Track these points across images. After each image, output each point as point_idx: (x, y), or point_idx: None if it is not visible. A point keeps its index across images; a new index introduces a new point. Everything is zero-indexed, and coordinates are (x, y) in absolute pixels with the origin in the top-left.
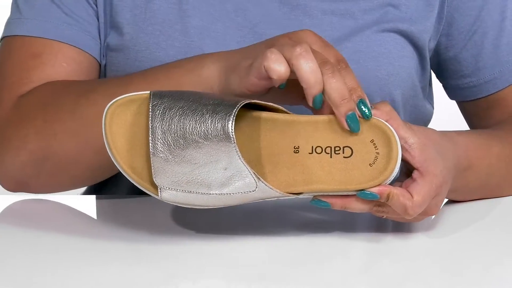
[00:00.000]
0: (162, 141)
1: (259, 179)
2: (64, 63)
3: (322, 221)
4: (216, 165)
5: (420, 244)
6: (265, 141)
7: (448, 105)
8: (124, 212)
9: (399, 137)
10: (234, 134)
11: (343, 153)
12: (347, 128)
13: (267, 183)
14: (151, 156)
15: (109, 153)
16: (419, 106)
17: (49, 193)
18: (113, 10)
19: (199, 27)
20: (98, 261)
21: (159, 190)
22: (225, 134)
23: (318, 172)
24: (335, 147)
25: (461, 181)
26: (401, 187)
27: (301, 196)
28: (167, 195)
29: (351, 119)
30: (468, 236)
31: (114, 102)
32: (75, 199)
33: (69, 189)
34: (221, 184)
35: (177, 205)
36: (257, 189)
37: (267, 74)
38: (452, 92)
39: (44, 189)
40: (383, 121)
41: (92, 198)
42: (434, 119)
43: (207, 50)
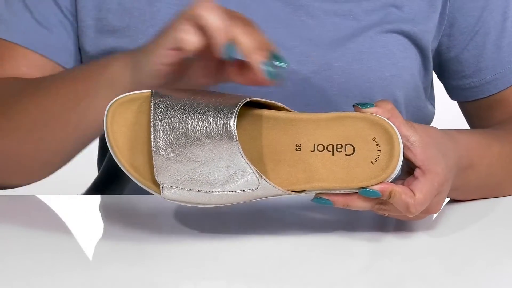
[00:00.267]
0: (164, 139)
1: (261, 177)
2: (25, 67)
3: (322, 221)
4: (218, 163)
5: (421, 243)
6: (267, 139)
7: (449, 105)
8: (125, 211)
9: (401, 135)
10: (236, 132)
11: (345, 151)
12: (263, 77)
13: (269, 181)
14: (153, 155)
15: (111, 152)
16: (421, 107)
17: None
18: (108, 15)
19: None
20: (99, 261)
21: (161, 188)
22: (227, 132)
23: (320, 170)
24: (337, 145)
25: (462, 180)
26: (403, 185)
27: (303, 194)
28: (169, 193)
29: (267, 65)
30: (468, 235)
31: (115, 101)
32: (77, 198)
33: (24, 184)
34: (223, 182)
35: (179, 203)
36: (259, 187)
37: (179, 45)
38: (453, 92)
39: None
40: (385, 119)
41: (94, 198)
42: (435, 119)
43: None
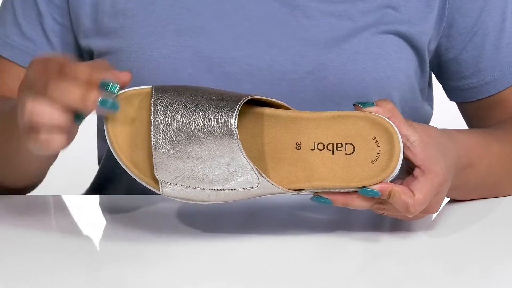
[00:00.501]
0: (164, 136)
1: (261, 175)
2: (9, 80)
3: (322, 221)
4: (218, 160)
5: (420, 243)
6: (267, 137)
7: (448, 106)
8: (125, 211)
9: (401, 135)
10: (237, 130)
11: (345, 150)
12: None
13: (269, 179)
14: (153, 151)
15: (110, 148)
16: (417, 107)
17: None
18: (103, 16)
19: (193, 26)
20: (98, 261)
21: (160, 185)
22: (228, 130)
23: (320, 169)
24: (337, 144)
25: (461, 179)
26: (402, 184)
27: (302, 192)
28: (169, 190)
29: (103, 104)
30: (468, 235)
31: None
32: (77, 198)
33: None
34: (223, 180)
35: (178, 200)
36: (259, 185)
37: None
38: (452, 93)
39: None
40: (385, 118)
41: (94, 198)
42: (433, 120)
43: (200, 48)
